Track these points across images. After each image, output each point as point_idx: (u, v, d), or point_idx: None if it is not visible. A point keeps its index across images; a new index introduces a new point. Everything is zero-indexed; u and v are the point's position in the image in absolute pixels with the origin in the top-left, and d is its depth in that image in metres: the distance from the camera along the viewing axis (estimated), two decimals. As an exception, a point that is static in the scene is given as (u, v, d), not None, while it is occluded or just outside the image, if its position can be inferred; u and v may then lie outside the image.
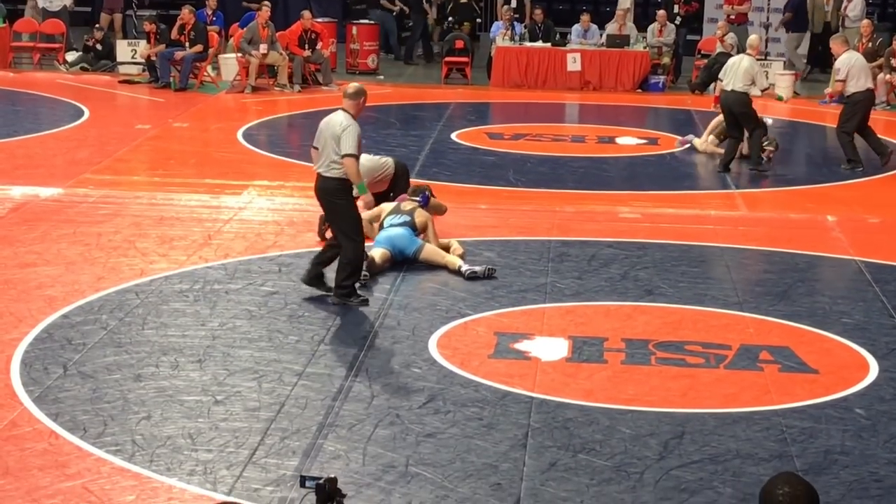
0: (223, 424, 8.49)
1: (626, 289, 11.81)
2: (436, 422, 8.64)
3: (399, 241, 12.29)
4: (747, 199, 15.67)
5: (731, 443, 8.42)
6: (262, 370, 9.50)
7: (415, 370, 9.62)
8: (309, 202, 14.71)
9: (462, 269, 11.92)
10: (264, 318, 10.70)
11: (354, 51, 25.43)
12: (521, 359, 9.97)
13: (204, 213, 14.19)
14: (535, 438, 8.42)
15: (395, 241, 12.27)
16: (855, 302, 11.52)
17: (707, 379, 9.66)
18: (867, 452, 8.33)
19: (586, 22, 24.94)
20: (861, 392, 9.42)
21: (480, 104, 23.15)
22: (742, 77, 16.83)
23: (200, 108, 21.28)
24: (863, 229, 14.21)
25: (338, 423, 8.55)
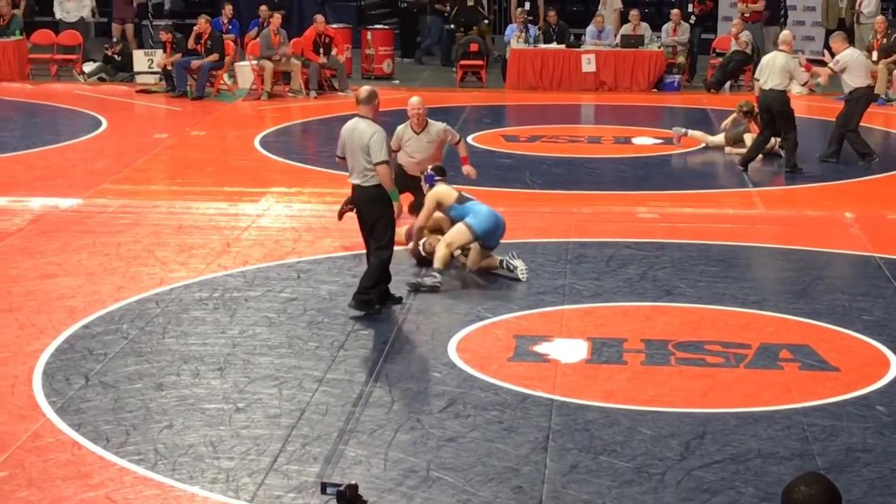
0: (244, 432, 8.52)
1: (644, 289, 11.81)
2: (456, 426, 8.66)
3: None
4: (765, 198, 15.65)
5: (753, 442, 8.41)
6: (282, 377, 9.53)
7: (435, 374, 9.64)
8: (326, 208, 14.78)
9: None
10: (284, 324, 10.73)
11: (370, 56, 25.46)
12: (540, 361, 9.98)
13: (222, 220, 14.23)
14: (555, 441, 8.42)
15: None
16: (874, 299, 11.50)
17: (727, 378, 9.65)
18: (889, 450, 8.32)
19: (600, 23, 24.95)
20: (882, 389, 9.41)
21: (496, 107, 23.17)
22: (779, 74, 16.83)
23: (217, 117, 21.34)
24: (881, 225, 14.18)
25: (358, 429, 8.57)
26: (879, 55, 22.64)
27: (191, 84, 22.83)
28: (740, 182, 16.56)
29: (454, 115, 21.39)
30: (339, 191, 15.65)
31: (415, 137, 13.36)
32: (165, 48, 23.55)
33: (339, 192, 15.53)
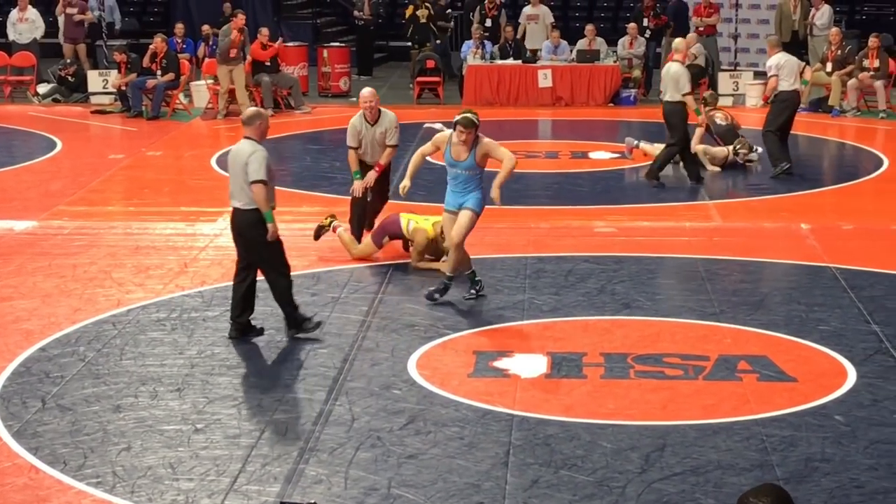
0: (204, 453, 8.48)
1: (603, 303, 11.84)
2: (417, 443, 8.64)
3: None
4: (721, 210, 15.73)
5: (712, 454, 8.43)
6: (241, 397, 9.49)
7: (395, 392, 9.62)
8: (285, 227, 14.70)
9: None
10: (242, 344, 10.68)
11: (326, 74, 25.45)
12: (500, 377, 9.98)
13: (179, 241, 14.17)
14: (516, 456, 8.42)
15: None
16: (831, 309, 11.57)
17: (686, 391, 9.68)
18: (847, 459, 8.36)
19: (556, 38, 25.03)
20: (840, 399, 9.46)
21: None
22: (671, 85, 16.80)
23: (173, 136, 21.27)
24: (836, 236, 14.28)
25: (319, 448, 8.54)
26: (834, 67, 22.81)
27: (146, 104, 22.75)
28: (697, 195, 16.64)
29: (412, 132, 21.39)
30: (296, 209, 15.66)
31: (368, 129, 13.51)
32: (120, 68, 23.46)
33: (297, 211, 15.54)
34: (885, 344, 10.59)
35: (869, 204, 16.30)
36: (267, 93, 23.05)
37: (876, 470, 8.19)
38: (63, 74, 25.05)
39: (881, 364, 10.14)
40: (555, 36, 25.08)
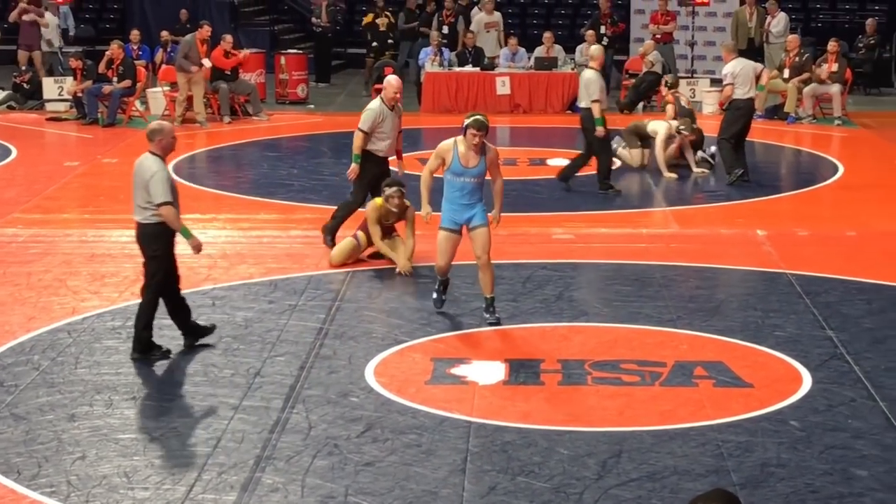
0: (159, 462, 8.43)
1: (560, 310, 11.85)
2: (374, 450, 8.62)
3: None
4: (678, 217, 15.78)
5: (669, 459, 8.46)
6: (197, 405, 9.45)
7: (352, 399, 9.60)
8: (241, 234, 14.71)
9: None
10: (198, 352, 10.63)
11: (283, 81, 25.39)
12: (458, 384, 9.98)
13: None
14: (474, 463, 8.42)
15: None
16: (787, 315, 11.63)
17: (643, 397, 9.70)
18: (803, 464, 8.40)
19: (514, 45, 25.07)
20: (795, 404, 9.50)
21: (411, 130, 23.14)
22: (584, 92, 16.79)
23: (130, 144, 21.13)
24: (792, 242, 14.35)
25: (275, 456, 8.51)
26: (791, 74, 22.94)
27: (102, 111, 22.61)
28: (654, 201, 16.69)
29: (369, 139, 21.37)
30: (254, 216, 15.62)
31: (391, 115, 13.75)
32: (76, 75, 23.33)
33: (254, 218, 15.50)
34: (839, 349, 10.65)
35: (825, 210, 16.40)
36: (224, 100, 22.97)
37: (831, 475, 8.23)
38: (18, 81, 24.88)
39: (836, 370, 10.20)
40: (512, 43, 25.12)
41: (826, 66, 22.81)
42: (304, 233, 14.79)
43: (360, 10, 29.11)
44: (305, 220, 15.46)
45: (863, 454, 8.55)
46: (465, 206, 11.27)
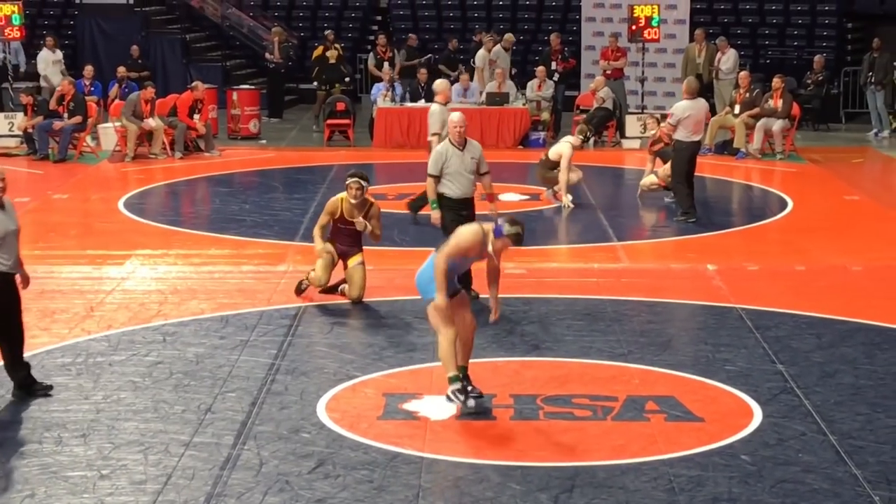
0: (109, 499, 8.37)
1: (512, 344, 11.87)
2: (326, 486, 8.59)
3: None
4: (629, 251, 15.86)
5: (621, 494, 8.47)
6: (147, 442, 9.39)
7: (304, 435, 9.57)
8: (192, 270, 14.66)
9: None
10: (149, 388, 10.58)
11: (235, 116, 25.37)
12: (410, 419, 9.96)
13: (86, 284, 14.01)
14: (425, 499, 8.40)
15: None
16: (737, 349, 11.69)
17: (595, 431, 9.72)
18: (754, 498, 8.43)
19: (465, 80, 25.16)
20: (746, 438, 9.54)
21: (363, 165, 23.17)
22: (433, 126, 16.61)
23: (80, 179, 21.07)
24: (742, 277, 14.44)
25: (226, 493, 8.46)
26: (742, 109, 23.14)
27: (53, 147, 22.51)
28: (605, 236, 16.76)
29: (322, 174, 21.41)
30: (205, 252, 15.57)
31: (457, 155, 13.04)
32: (26, 111, 23.22)
33: (207, 254, 15.45)
34: (790, 384, 10.71)
35: (774, 245, 16.52)
36: (179, 136, 22.93)
37: (782, 508, 8.27)
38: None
39: (787, 404, 10.25)
40: (464, 79, 25.21)
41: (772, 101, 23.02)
42: (255, 268, 14.76)
43: (312, 45, 29.14)
44: (257, 255, 15.44)
45: (813, 488, 8.60)
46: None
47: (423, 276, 10.11)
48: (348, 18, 32.40)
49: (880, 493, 8.50)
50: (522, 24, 31.44)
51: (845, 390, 10.58)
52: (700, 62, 26.51)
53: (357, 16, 32.40)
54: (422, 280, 10.14)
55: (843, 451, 9.23)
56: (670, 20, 27.82)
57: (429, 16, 31.71)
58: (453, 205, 13.05)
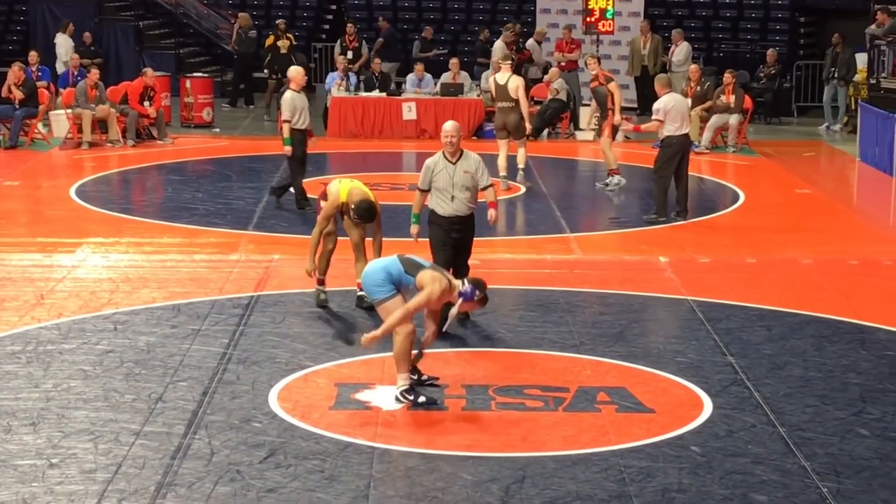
0: (58, 488, 8.32)
1: (465, 335, 11.88)
2: (277, 476, 8.58)
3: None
4: (582, 243, 15.90)
5: (571, 485, 8.51)
6: (98, 431, 9.34)
7: (255, 425, 9.55)
8: (144, 258, 14.59)
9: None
10: (100, 377, 10.53)
11: (189, 104, 25.25)
12: (362, 409, 9.96)
13: (36, 272, 13.92)
14: (377, 489, 8.40)
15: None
16: (688, 341, 11.75)
17: (546, 422, 9.75)
18: (703, 489, 8.49)
19: (420, 71, 25.14)
20: (696, 430, 9.60)
21: (317, 155, 23.10)
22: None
23: (32, 166, 20.92)
24: (694, 269, 14.52)
25: (177, 482, 8.44)
26: (693, 103, 23.22)
27: (3, 133, 22.33)
28: (558, 228, 16.80)
29: (275, 163, 21.33)
30: (157, 240, 15.50)
31: (449, 168, 11.90)
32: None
33: (157, 242, 15.38)
34: (740, 375, 10.78)
35: (725, 238, 16.61)
36: (131, 123, 22.80)
37: (731, 500, 8.33)
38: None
39: (737, 395, 10.32)
40: (419, 69, 25.20)
41: (724, 96, 23.12)
42: (208, 257, 14.71)
43: (266, 34, 29.06)
44: (210, 244, 15.38)
45: (762, 479, 8.67)
46: None
47: (372, 278, 10.09)
48: (303, 7, 32.30)
49: (828, 484, 8.58)
50: (477, 15, 31.46)
51: (795, 382, 10.66)
52: (645, 54, 26.66)
53: (311, 4, 32.31)
54: (369, 282, 10.12)
55: (792, 443, 9.30)
56: (625, 12, 27.93)
57: (384, 5, 31.65)
58: (442, 223, 11.92)
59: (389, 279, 10.00)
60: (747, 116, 23.62)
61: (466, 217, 11.89)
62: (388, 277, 10.00)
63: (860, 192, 20.91)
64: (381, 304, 10.03)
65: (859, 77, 25.43)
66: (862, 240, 16.45)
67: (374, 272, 10.11)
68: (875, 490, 8.52)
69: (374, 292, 10.08)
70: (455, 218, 11.83)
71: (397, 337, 9.94)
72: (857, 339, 11.94)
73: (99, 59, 27.00)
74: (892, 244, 16.18)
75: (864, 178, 21.44)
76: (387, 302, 9.98)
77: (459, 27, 31.51)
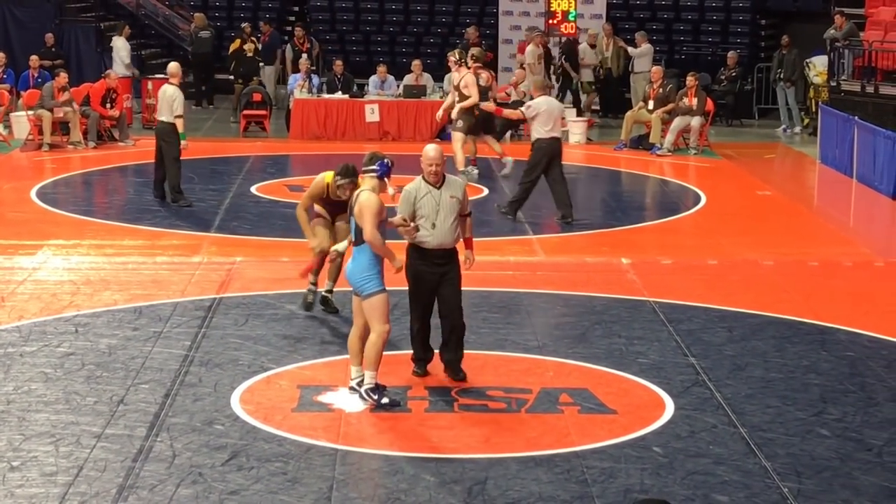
0: (19, 491, 8.28)
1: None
2: (239, 478, 8.56)
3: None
4: (545, 245, 15.93)
5: (534, 486, 8.52)
6: (59, 433, 9.30)
7: (217, 427, 9.52)
8: (106, 260, 14.53)
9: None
10: (61, 379, 10.47)
11: (150, 105, 25.13)
12: (324, 411, 9.95)
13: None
14: (339, 491, 8.40)
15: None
16: (650, 342, 11.80)
17: (509, 423, 9.77)
18: (665, 490, 8.52)
19: (383, 73, 25.13)
20: (658, 430, 9.64)
21: (280, 157, 23.10)
22: (166, 107, 17.60)
23: (-8, 167, 20.79)
24: (656, 271, 14.57)
25: (138, 485, 8.41)
26: (655, 105, 23.32)
27: (-36, 135, 22.20)
28: (521, 230, 16.82)
29: (238, 166, 21.30)
30: (120, 242, 15.43)
31: (432, 194, 10.68)
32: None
33: (120, 245, 15.31)
34: (701, 376, 10.83)
35: (687, 239, 16.68)
36: (93, 125, 22.70)
37: (693, 501, 8.36)
38: None
39: (698, 396, 10.37)
40: (381, 71, 25.19)
41: (687, 99, 23.22)
42: (170, 259, 14.66)
43: (229, 36, 28.99)
44: (172, 246, 15.33)
45: (724, 480, 8.71)
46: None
47: (357, 271, 10.09)
48: (265, 9, 32.22)
49: (789, 484, 8.62)
50: (440, 17, 31.45)
51: (756, 383, 10.72)
52: (608, 56, 26.76)
53: (274, 6, 32.23)
54: (354, 275, 10.11)
55: (754, 444, 9.35)
56: (587, 14, 27.99)
57: (346, 7, 31.60)
58: (426, 256, 10.68)
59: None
60: (709, 119, 23.73)
61: (452, 249, 10.76)
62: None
63: (820, 194, 21.03)
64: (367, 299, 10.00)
65: (819, 79, 25.58)
66: (822, 241, 16.56)
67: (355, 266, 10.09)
68: (835, 490, 8.58)
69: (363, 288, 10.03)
70: (441, 250, 10.66)
71: (373, 335, 9.94)
72: (818, 340, 12.01)
73: (60, 60, 26.85)
74: (852, 246, 16.29)
75: (825, 180, 21.57)
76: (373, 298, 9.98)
77: (422, 29, 31.50)
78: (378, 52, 30.35)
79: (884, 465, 9.04)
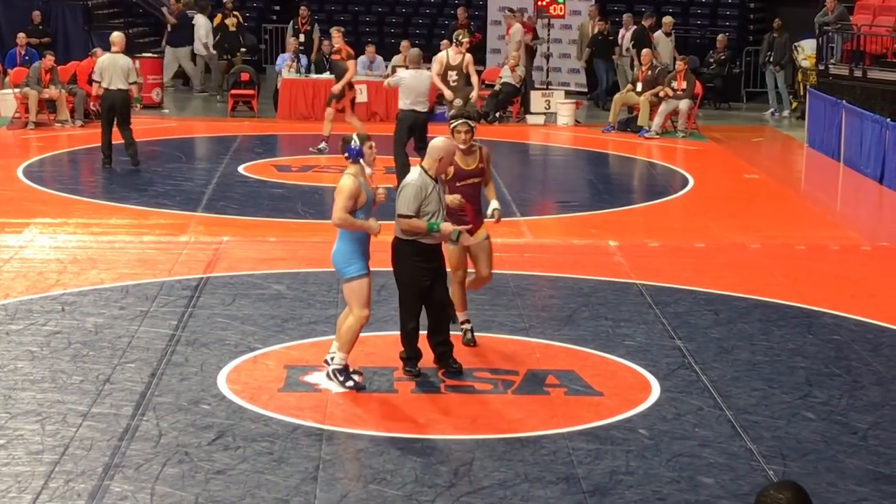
0: (5, 469, 8.27)
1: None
2: (225, 458, 8.56)
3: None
4: (532, 226, 15.94)
5: (520, 467, 8.53)
6: (45, 412, 9.29)
7: (203, 406, 9.52)
8: (93, 239, 14.50)
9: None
10: (47, 358, 10.46)
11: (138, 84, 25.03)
12: (311, 391, 9.95)
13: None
14: (325, 471, 8.40)
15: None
16: (637, 324, 11.81)
17: (496, 405, 9.78)
18: (651, 472, 8.54)
19: (371, 53, 25.09)
20: (644, 413, 9.65)
21: (267, 136, 23.08)
22: (121, 75, 18.73)
23: (-22, 145, 20.73)
24: (643, 254, 14.58)
25: (124, 464, 8.40)
26: (644, 87, 23.32)
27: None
28: (508, 211, 16.81)
29: (225, 145, 21.27)
30: (107, 221, 15.40)
31: (437, 187, 10.51)
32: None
33: (107, 223, 15.28)
34: (687, 359, 10.85)
35: (675, 222, 16.70)
36: (80, 103, 22.64)
37: (678, 483, 8.38)
38: None
39: (684, 379, 10.39)
40: (370, 51, 25.14)
41: (676, 82, 23.22)
42: (156, 238, 14.64)
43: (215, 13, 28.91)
44: (159, 225, 15.31)
45: (709, 462, 8.73)
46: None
47: (339, 254, 10.07)
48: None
49: (775, 467, 8.65)
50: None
51: (742, 366, 10.74)
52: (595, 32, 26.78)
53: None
54: (337, 258, 10.09)
55: (739, 426, 9.37)
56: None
57: (335, -13, 31.57)
58: (425, 252, 10.45)
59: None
60: (697, 102, 23.74)
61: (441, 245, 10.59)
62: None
63: (808, 178, 21.07)
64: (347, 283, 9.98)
65: (808, 63, 25.60)
66: (809, 225, 16.59)
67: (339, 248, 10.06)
68: (820, 473, 8.60)
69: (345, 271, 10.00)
70: (438, 248, 10.50)
71: (351, 318, 9.93)
72: (804, 324, 12.04)
73: (47, 38, 26.75)
74: (839, 229, 16.32)
75: (812, 164, 21.60)
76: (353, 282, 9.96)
77: (410, 9, 31.45)
78: (366, 33, 30.31)
79: (868, 448, 9.07)
